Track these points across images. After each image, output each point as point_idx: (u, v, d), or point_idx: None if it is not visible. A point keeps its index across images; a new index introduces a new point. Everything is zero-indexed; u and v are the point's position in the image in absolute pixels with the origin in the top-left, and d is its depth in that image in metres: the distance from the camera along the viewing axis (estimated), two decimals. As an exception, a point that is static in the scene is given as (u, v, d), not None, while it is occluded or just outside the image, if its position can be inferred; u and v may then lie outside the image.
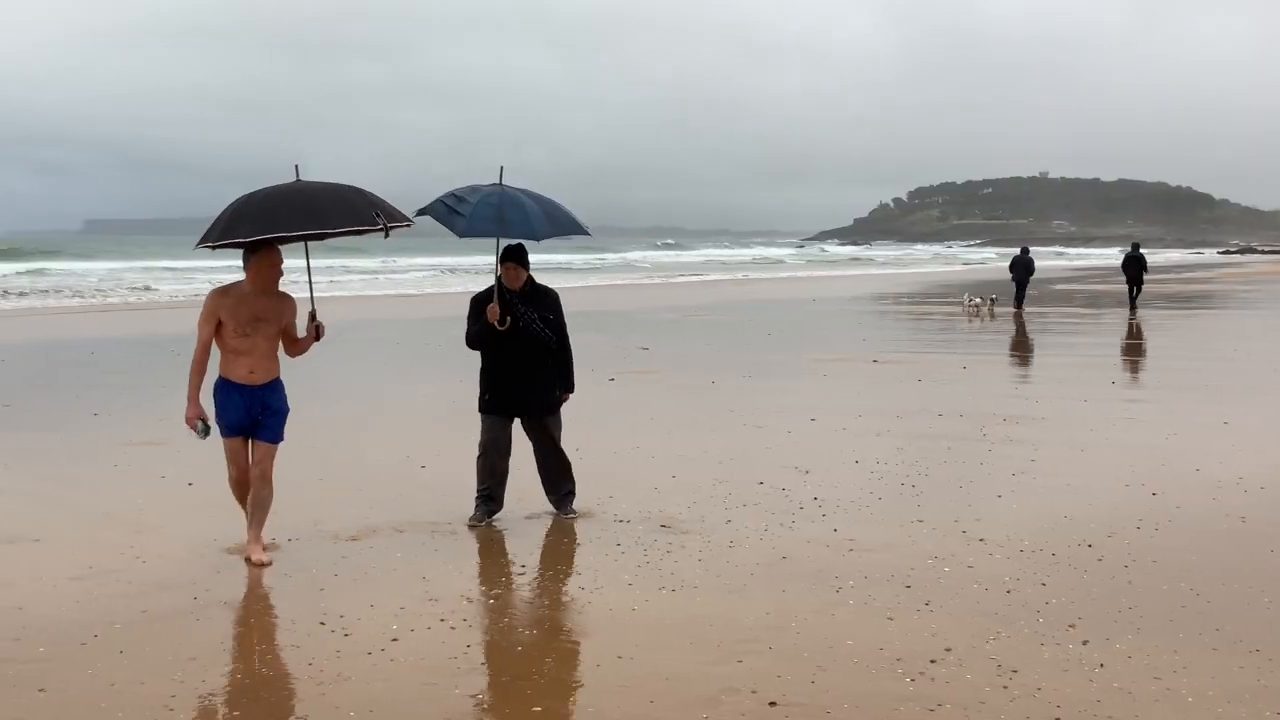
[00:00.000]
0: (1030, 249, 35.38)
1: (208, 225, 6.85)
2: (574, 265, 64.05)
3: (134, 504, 8.46)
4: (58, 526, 7.79)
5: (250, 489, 7.02)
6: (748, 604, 6.26)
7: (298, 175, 6.85)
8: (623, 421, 12.15)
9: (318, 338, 7.07)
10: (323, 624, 5.90)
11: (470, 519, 7.92)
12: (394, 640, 5.68)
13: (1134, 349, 21.89)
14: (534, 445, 8.13)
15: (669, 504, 8.45)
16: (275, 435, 7.05)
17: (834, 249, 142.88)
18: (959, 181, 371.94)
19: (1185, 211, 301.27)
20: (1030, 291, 32.86)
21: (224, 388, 6.91)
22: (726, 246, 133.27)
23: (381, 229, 6.59)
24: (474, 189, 7.79)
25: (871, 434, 11.41)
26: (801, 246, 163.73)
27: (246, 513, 7.06)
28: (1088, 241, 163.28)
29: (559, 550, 7.31)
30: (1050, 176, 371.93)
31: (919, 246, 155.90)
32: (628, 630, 5.86)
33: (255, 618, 6.07)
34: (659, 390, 14.90)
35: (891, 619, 6.00)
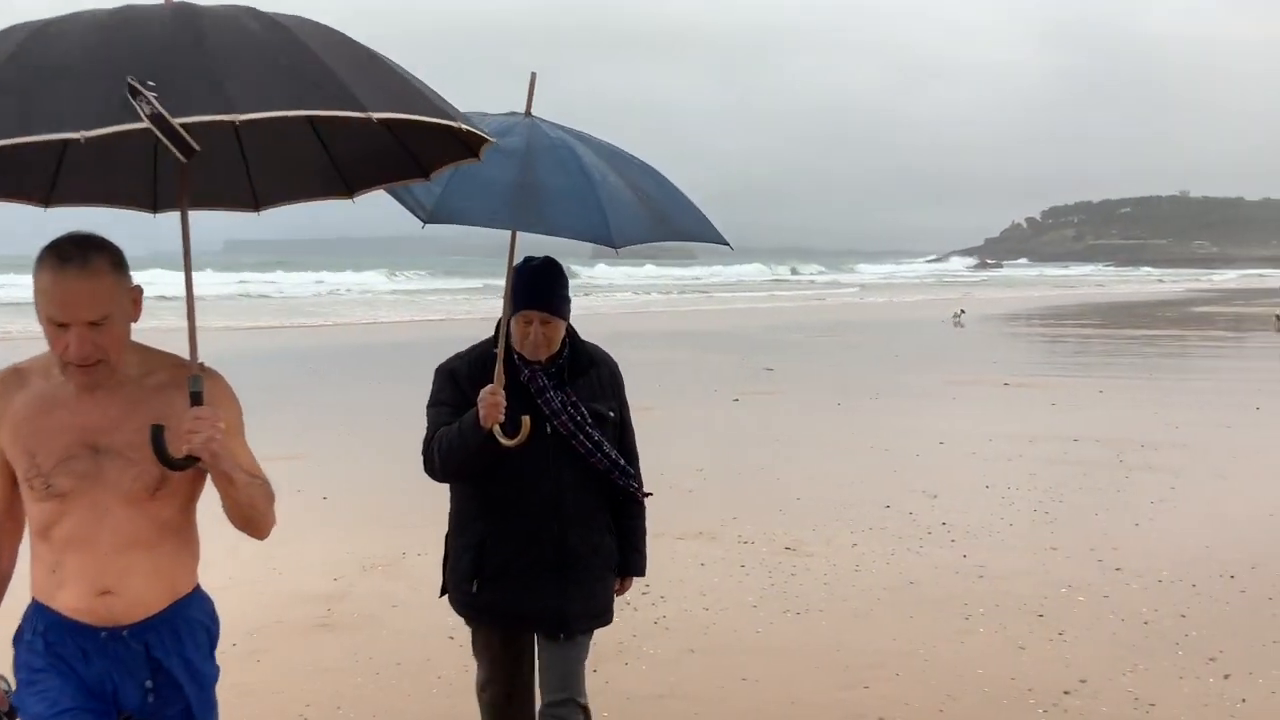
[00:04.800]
0: None
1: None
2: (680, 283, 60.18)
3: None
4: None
5: None
6: (874, 629, 6.19)
7: None
8: (747, 442, 12.12)
9: (178, 462, 2.51)
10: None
11: None
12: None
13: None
14: (540, 668, 3.78)
15: (793, 526, 8.39)
16: None
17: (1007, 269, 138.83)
18: (1095, 200, 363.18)
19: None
20: (1170, 314, 32.16)
21: (40, 626, 2.69)
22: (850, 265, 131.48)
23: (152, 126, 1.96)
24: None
25: (1003, 458, 11.18)
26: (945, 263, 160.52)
27: None
28: (1229, 263, 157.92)
29: (681, 570, 7.31)
30: (1191, 195, 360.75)
31: (1051, 267, 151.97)
32: (753, 653, 5.83)
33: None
34: (783, 411, 14.81)
35: (1023, 648, 5.87)
